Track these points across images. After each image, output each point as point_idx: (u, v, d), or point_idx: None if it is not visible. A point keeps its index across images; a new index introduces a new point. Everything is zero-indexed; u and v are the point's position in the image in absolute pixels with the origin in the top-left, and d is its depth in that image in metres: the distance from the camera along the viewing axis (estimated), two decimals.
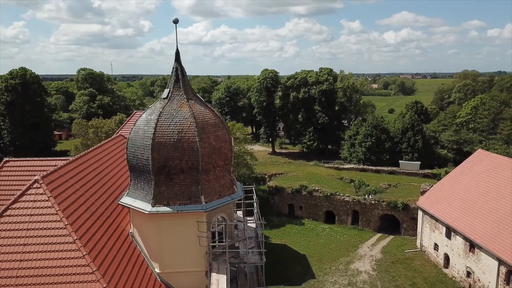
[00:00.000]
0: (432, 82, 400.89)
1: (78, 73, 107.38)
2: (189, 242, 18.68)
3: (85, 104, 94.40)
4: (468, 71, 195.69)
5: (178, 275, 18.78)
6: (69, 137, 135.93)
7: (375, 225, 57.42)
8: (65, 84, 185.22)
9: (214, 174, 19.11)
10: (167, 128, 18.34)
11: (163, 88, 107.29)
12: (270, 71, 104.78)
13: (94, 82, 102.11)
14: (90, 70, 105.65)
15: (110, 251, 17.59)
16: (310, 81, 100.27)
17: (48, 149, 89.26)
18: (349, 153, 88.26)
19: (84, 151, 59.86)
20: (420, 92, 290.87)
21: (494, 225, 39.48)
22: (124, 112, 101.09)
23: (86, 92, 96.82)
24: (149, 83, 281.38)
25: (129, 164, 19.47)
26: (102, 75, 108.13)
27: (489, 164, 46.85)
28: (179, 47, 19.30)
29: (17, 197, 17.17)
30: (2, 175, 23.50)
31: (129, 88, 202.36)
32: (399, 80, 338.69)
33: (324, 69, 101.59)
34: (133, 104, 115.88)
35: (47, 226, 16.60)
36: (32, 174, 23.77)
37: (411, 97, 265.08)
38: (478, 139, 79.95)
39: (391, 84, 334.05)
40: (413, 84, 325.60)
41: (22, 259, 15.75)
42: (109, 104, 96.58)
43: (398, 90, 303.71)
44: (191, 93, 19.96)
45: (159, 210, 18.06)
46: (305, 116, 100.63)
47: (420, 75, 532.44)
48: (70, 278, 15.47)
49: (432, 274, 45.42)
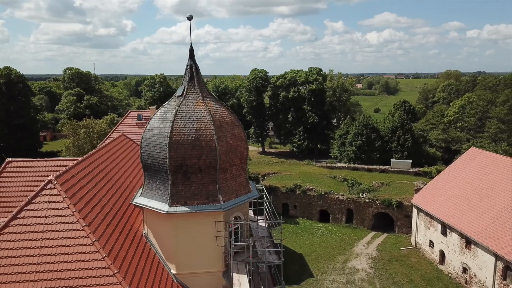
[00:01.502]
0: (414, 82, 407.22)
1: (64, 73, 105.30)
2: (206, 242, 18.39)
3: (72, 104, 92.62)
4: (451, 71, 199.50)
5: (194, 276, 18.45)
6: (54, 138, 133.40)
7: (369, 223, 57.86)
8: (48, 84, 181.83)
9: (230, 173, 18.85)
10: (184, 126, 17.99)
11: (152, 88, 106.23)
12: (260, 71, 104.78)
13: (81, 82, 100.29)
14: (77, 70, 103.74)
15: (128, 252, 17.16)
16: (300, 81, 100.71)
17: (35, 151, 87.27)
18: (340, 152, 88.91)
19: (75, 151, 59.38)
20: (404, 92, 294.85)
21: (490, 222, 40.13)
22: (112, 112, 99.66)
23: (73, 92, 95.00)
24: (133, 83, 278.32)
25: (143, 163, 19.03)
26: (89, 74, 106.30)
27: (483, 162, 47.63)
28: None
29: (31, 198, 16.58)
30: (5, 176, 22.81)
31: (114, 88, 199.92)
32: (383, 80, 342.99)
33: (313, 69, 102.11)
34: (120, 104, 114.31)
35: (64, 228, 16.06)
36: (37, 175, 23.21)
37: (395, 96, 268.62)
38: (465, 137, 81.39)
39: (375, 84, 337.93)
40: (397, 84, 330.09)
41: (40, 262, 15.21)
42: (96, 104, 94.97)
43: (382, 90, 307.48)
44: (206, 91, 19.68)
45: (176, 210, 17.71)
46: (294, 115, 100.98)
47: (403, 75, 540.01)
48: (91, 281, 15.00)
49: (428, 271, 45.95)
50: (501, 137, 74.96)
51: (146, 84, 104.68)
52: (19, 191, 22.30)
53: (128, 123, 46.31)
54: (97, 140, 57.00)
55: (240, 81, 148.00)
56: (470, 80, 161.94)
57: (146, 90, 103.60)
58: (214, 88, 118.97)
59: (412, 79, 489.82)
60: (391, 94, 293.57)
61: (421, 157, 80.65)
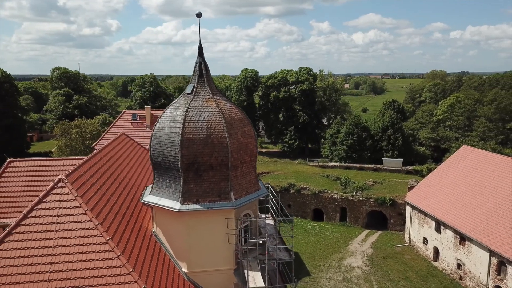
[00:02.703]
0: (400, 82, 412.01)
1: (52, 72, 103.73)
2: (217, 240, 18.34)
3: (61, 104, 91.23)
4: (437, 71, 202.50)
5: (205, 274, 18.38)
6: (41, 139, 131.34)
7: (363, 221, 58.36)
8: (33, 84, 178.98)
9: (241, 171, 18.85)
10: (196, 124, 17.93)
11: (142, 88, 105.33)
12: (250, 71, 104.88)
13: (69, 82, 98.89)
14: (65, 69, 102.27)
15: (140, 251, 17.02)
16: (290, 81, 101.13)
17: (22, 152, 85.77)
18: (331, 151, 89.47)
19: (67, 152, 58.57)
20: (391, 92, 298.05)
21: (483, 218, 40.85)
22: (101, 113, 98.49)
23: (62, 92, 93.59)
24: (120, 83, 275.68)
25: (153, 162, 18.89)
26: (78, 74, 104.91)
27: (475, 160, 48.47)
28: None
29: (42, 197, 16.31)
30: (7, 175, 22.41)
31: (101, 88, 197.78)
32: (370, 80, 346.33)
33: (304, 69, 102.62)
34: (109, 105, 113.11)
35: (77, 227, 15.83)
36: (39, 174, 22.90)
37: (382, 96, 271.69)
38: (454, 136, 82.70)
39: (362, 84, 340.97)
40: (383, 84, 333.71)
41: (53, 262, 14.97)
42: (86, 104, 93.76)
43: (369, 90, 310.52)
44: (215, 89, 19.65)
45: (188, 208, 17.62)
46: (285, 115, 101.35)
47: (388, 75, 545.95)
48: (106, 280, 14.81)
49: (423, 267, 46.56)
50: (489, 135, 76.49)
51: (136, 84, 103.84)
52: (22, 191, 21.97)
53: (123, 123, 45.94)
54: (89, 140, 56.35)
55: (229, 81, 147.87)
56: (456, 80, 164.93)
57: (136, 90, 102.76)
58: None
59: (398, 79, 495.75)
60: (378, 94, 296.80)
61: (411, 155, 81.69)
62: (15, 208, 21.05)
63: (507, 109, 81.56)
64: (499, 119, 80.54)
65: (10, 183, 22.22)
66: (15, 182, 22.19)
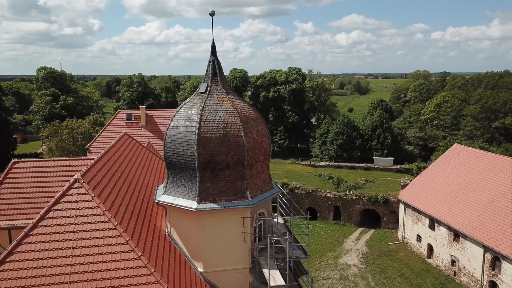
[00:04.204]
0: (384, 82, 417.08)
1: (38, 72, 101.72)
2: (233, 239, 18.29)
3: (47, 104, 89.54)
4: (420, 71, 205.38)
5: (221, 273, 18.30)
6: (25, 140, 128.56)
7: (356, 220, 58.89)
8: (15, 84, 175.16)
9: (256, 169, 18.86)
10: (212, 123, 17.84)
11: (130, 88, 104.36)
12: (239, 71, 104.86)
13: (55, 82, 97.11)
14: (51, 69, 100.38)
15: (158, 251, 16.86)
16: (280, 81, 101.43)
17: (8, 153, 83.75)
18: (321, 150, 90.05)
19: (58, 153, 57.44)
20: (375, 92, 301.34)
21: (477, 215, 41.69)
22: (87, 113, 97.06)
23: (48, 92, 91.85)
24: (104, 84, 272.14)
25: (167, 161, 18.71)
26: (64, 74, 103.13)
27: (466, 158, 49.41)
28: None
29: (58, 198, 15.98)
30: (12, 177, 21.91)
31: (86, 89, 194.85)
32: (355, 80, 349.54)
33: (293, 69, 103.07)
34: (96, 105, 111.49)
35: (96, 228, 15.56)
36: (45, 175, 22.46)
37: (366, 96, 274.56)
38: (442, 135, 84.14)
39: (347, 84, 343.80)
40: (368, 84, 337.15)
41: (74, 263, 14.68)
42: (73, 104, 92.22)
43: (354, 90, 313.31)
44: (229, 87, 19.60)
45: (206, 207, 17.51)
46: (275, 115, 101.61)
47: (372, 75, 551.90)
48: (128, 280, 14.59)
49: (417, 264, 47.27)
50: (476, 134, 78.17)
51: (123, 84, 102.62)
52: (28, 192, 21.48)
53: (118, 123, 45.37)
54: (81, 141, 55.47)
55: None
56: (440, 80, 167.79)
57: (124, 90, 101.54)
58: (192, 88, 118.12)
59: (382, 79, 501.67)
60: (363, 94, 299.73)
61: (400, 154, 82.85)
62: (23, 210, 20.61)
63: (492, 108, 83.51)
64: (485, 118, 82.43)
65: (15, 184, 21.73)
66: (20, 184, 21.67)
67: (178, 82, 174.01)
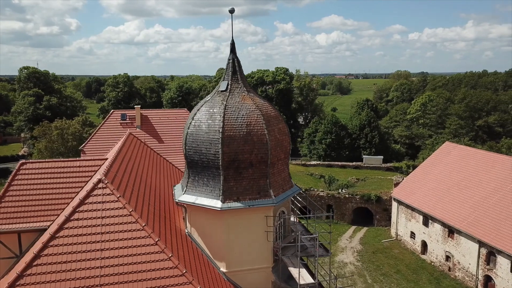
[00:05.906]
0: (364, 82, 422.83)
1: (20, 72, 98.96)
2: (256, 238, 18.16)
3: (30, 105, 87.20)
4: (401, 71, 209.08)
5: (244, 273, 18.14)
6: (4, 142, 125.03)
7: (349, 218, 59.42)
8: None
9: (277, 168, 18.78)
10: (235, 121, 17.68)
11: (115, 88, 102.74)
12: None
13: (38, 82, 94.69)
14: (34, 69, 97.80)
15: (183, 252, 16.59)
16: (267, 81, 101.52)
17: None
18: (309, 150, 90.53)
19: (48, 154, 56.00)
20: (356, 92, 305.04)
21: (471, 211, 42.61)
22: (72, 113, 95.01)
23: (31, 92, 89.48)
24: (84, 84, 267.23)
25: (189, 160, 18.42)
26: (47, 74, 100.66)
27: (458, 155, 50.46)
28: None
29: (83, 199, 15.54)
30: (20, 178, 21.19)
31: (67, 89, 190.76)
32: (336, 80, 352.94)
33: (281, 69, 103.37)
34: (80, 106, 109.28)
35: (123, 229, 15.17)
36: (55, 176, 21.80)
37: (348, 96, 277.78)
38: (428, 133, 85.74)
39: (328, 84, 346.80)
40: (349, 84, 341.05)
41: (103, 266, 14.30)
42: (57, 105, 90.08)
43: (336, 90, 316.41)
44: (248, 85, 19.47)
45: (230, 206, 17.33)
46: None
47: (352, 75, 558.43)
48: (160, 282, 14.28)
49: (412, 260, 48.00)
50: (461, 132, 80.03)
51: (108, 84, 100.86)
52: (38, 194, 20.77)
53: (112, 123, 44.49)
54: (71, 142, 54.24)
55: (202, 81, 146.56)
56: (421, 80, 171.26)
57: (109, 90, 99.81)
58: (178, 88, 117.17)
59: (362, 79, 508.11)
60: (345, 94, 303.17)
61: (387, 153, 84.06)
62: (35, 212, 19.92)
63: (476, 107, 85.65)
64: (469, 116, 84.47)
65: (24, 186, 21.00)
66: (29, 185, 20.95)
67: (161, 82, 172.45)
